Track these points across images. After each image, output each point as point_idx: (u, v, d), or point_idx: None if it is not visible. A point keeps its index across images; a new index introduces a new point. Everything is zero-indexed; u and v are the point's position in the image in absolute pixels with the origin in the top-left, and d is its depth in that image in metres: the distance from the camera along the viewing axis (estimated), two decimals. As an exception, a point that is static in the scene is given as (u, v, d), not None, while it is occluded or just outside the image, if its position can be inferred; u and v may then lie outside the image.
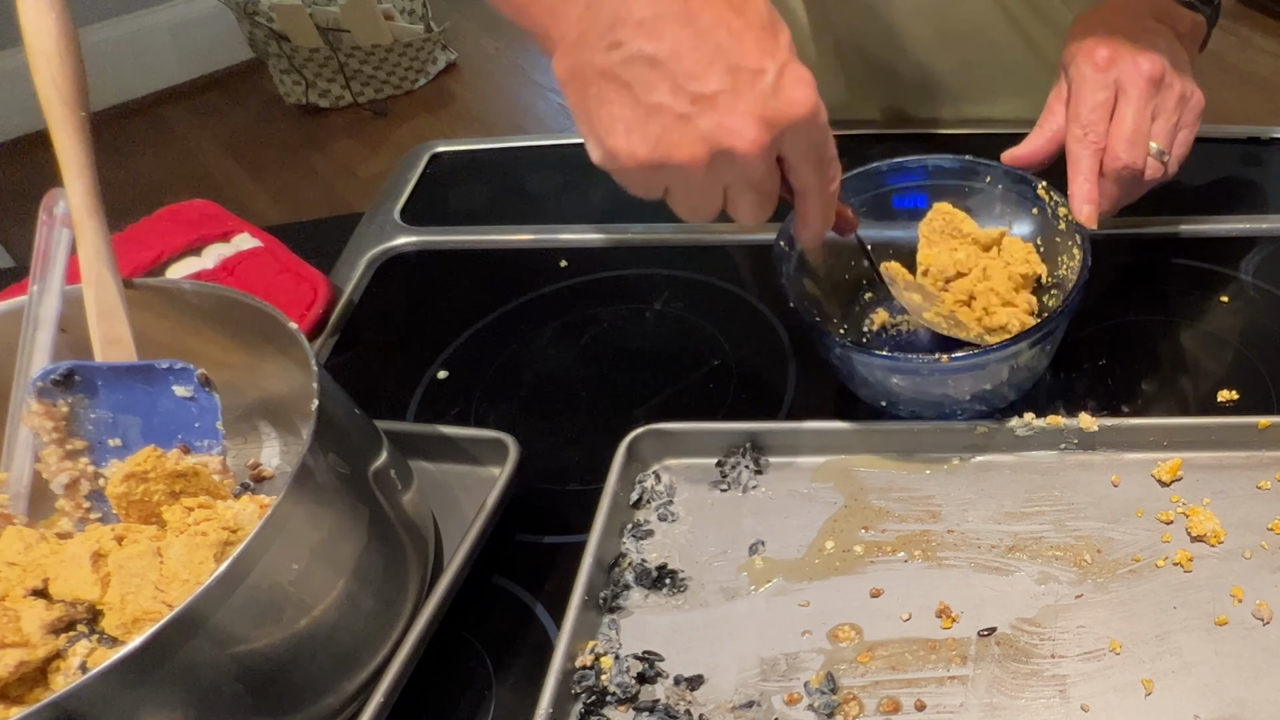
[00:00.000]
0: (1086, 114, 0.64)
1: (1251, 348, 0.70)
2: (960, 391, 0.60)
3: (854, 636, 0.54)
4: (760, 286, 0.77)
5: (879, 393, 0.62)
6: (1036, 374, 0.64)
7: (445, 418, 0.69)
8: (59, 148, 0.52)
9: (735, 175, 0.47)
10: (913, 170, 0.67)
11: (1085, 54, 0.65)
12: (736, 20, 0.45)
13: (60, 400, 0.52)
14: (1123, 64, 0.64)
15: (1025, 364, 0.61)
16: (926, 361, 0.58)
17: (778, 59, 0.45)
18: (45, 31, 0.51)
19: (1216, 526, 0.57)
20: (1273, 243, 0.77)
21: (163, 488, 0.49)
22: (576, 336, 0.75)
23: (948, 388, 0.60)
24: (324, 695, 0.48)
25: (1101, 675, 0.52)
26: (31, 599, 0.47)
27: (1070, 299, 0.59)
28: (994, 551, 0.57)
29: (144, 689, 0.40)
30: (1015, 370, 0.60)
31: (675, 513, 0.60)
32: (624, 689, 0.51)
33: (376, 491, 0.51)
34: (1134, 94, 0.64)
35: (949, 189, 0.67)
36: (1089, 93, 0.64)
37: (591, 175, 0.83)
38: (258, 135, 2.57)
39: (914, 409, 0.62)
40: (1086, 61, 0.65)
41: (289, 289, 0.76)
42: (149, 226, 0.81)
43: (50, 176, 0.52)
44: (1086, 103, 0.64)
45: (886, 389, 0.61)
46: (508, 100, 2.70)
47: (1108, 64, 0.64)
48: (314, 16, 2.48)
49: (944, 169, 0.67)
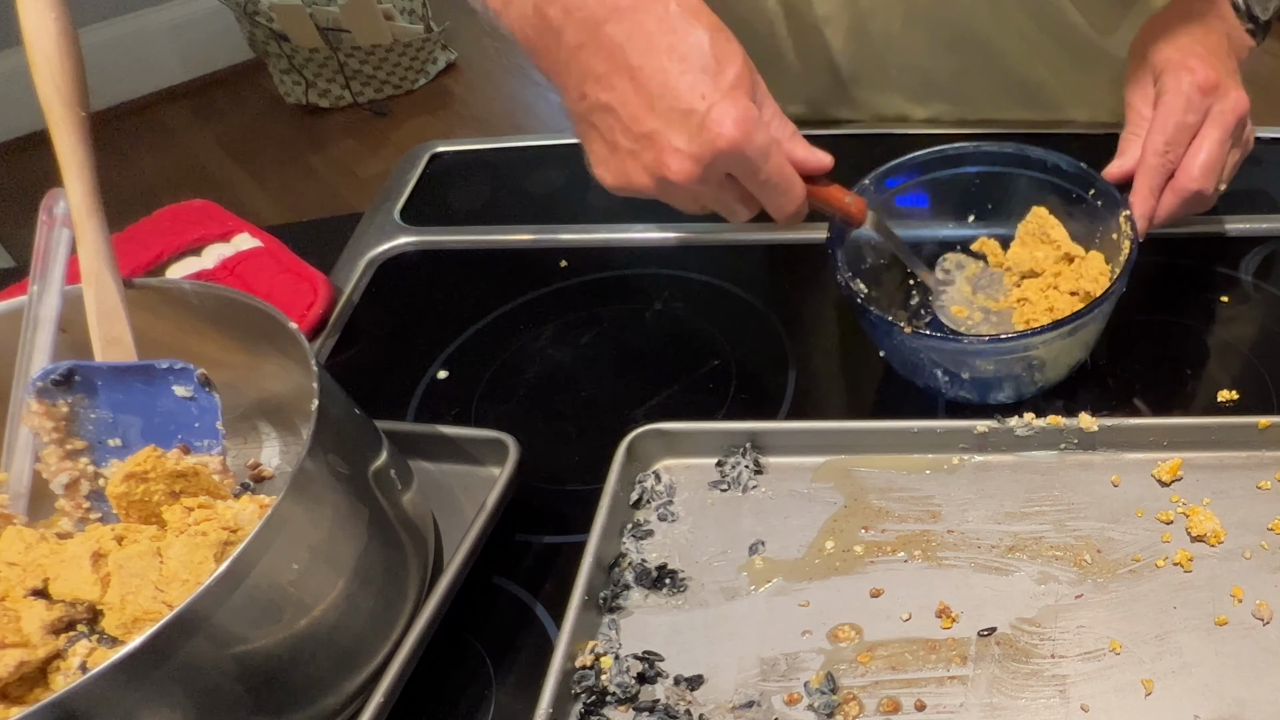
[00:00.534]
0: (1174, 133, 0.65)
1: (1251, 348, 0.70)
2: (996, 371, 0.62)
3: (854, 636, 0.54)
4: (760, 286, 0.77)
5: (926, 376, 0.64)
6: (1073, 362, 0.66)
7: (445, 418, 0.69)
8: (59, 148, 0.52)
9: (684, 194, 0.56)
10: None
11: (1188, 71, 0.65)
12: (675, 67, 0.53)
13: (60, 400, 0.52)
14: (1222, 93, 0.65)
15: (1059, 352, 0.62)
16: (968, 342, 0.61)
17: (709, 99, 0.52)
18: (45, 31, 0.51)
19: (1216, 526, 0.57)
20: (1273, 243, 0.77)
21: (163, 488, 0.49)
22: (576, 336, 0.75)
23: (986, 368, 0.61)
24: (324, 695, 0.48)
25: (1101, 675, 0.52)
26: (31, 599, 0.47)
27: (1117, 282, 0.60)
28: (994, 551, 0.57)
29: (144, 689, 0.40)
30: (1052, 354, 0.62)
31: (675, 513, 0.60)
32: (624, 689, 0.51)
33: (376, 491, 0.51)
34: (1222, 126, 0.65)
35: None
36: (1183, 113, 0.65)
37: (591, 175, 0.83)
38: (258, 135, 2.57)
39: (959, 390, 0.64)
40: (1188, 79, 0.65)
41: (289, 289, 0.76)
42: (149, 226, 0.81)
43: (50, 176, 0.52)
44: (1177, 122, 0.65)
45: (931, 371, 0.63)
46: (508, 100, 2.70)
47: (1209, 90, 0.65)
48: (314, 16, 2.48)
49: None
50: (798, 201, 0.58)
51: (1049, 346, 0.61)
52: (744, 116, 0.53)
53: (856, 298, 0.62)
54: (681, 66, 0.53)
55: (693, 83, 0.53)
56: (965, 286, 0.69)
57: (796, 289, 0.78)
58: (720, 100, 0.52)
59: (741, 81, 0.54)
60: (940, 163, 0.68)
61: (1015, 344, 0.59)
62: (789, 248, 0.81)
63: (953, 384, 0.63)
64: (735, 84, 0.54)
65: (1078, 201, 0.67)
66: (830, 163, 0.60)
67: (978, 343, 0.61)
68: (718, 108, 0.52)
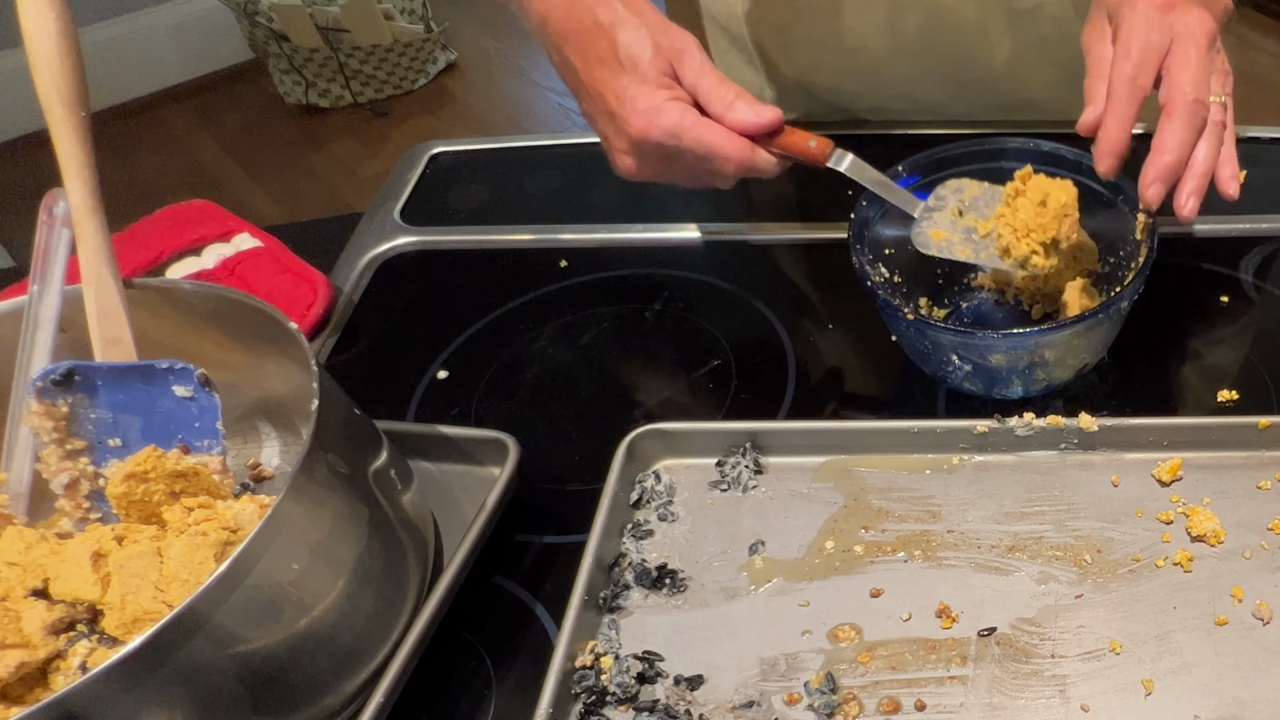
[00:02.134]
0: (1140, 55, 0.60)
1: (1251, 348, 0.70)
2: (1016, 366, 0.61)
3: (854, 636, 0.54)
4: (760, 286, 0.77)
5: (935, 364, 0.64)
6: (1090, 359, 0.65)
7: (445, 418, 0.69)
8: (59, 148, 0.52)
9: (657, 177, 0.66)
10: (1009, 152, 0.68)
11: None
12: (600, 74, 0.62)
13: (60, 400, 0.52)
14: (1182, 12, 0.61)
15: (1080, 345, 0.62)
16: (984, 335, 0.61)
17: (621, 97, 0.61)
18: (45, 32, 0.51)
19: (1216, 526, 0.57)
20: (1273, 243, 0.77)
21: (163, 488, 0.49)
22: (576, 336, 0.75)
23: (1001, 360, 0.61)
24: (324, 695, 0.48)
25: (1101, 675, 0.52)
26: (32, 599, 0.47)
27: (1134, 281, 0.59)
28: (994, 551, 0.57)
29: (144, 689, 0.40)
30: (1072, 348, 0.62)
31: (675, 513, 0.60)
32: (624, 689, 0.51)
33: (376, 491, 0.51)
34: (1194, 43, 0.60)
35: None
36: (1145, 32, 0.60)
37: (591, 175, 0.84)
38: (258, 135, 2.57)
39: (972, 382, 0.64)
40: (1143, 3, 0.61)
41: (289, 289, 0.76)
42: (149, 226, 0.81)
43: (50, 176, 0.52)
44: (1140, 42, 0.60)
45: (940, 360, 0.63)
46: (508, 100, 2.70)
47: (1168, 8, 0.61)
48: (314, 16, 2.48)
49: None
50: (735, 163, 0.62)
51: (1056, 346, 0.60)
52: (647, 107, 0.61)
53: (867, 280, 0.62)
54: (604, 73, 0.62)
55: (612, 85, 0.62)
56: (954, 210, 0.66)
57: (797, 289, 0.78)
58: (630, 96, 0.61)
59: (649, 71, 0.61)
60: (979, 156, 0.67)
61: (1021, 339, 0.59)
62: (789, 248, 0.81)
63: (961, 374, 0.63)
64: (644, 77, 0.61)
65: (1106, 205, 0.66)
66: (777, 117, 0.63)
67: (977, 335, 0.61)
68: (625, 104, 0.61)
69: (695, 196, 0.84)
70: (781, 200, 0.85)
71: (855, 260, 0.62)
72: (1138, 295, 0.61)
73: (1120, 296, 0.59)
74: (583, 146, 0.92)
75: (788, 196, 0.85)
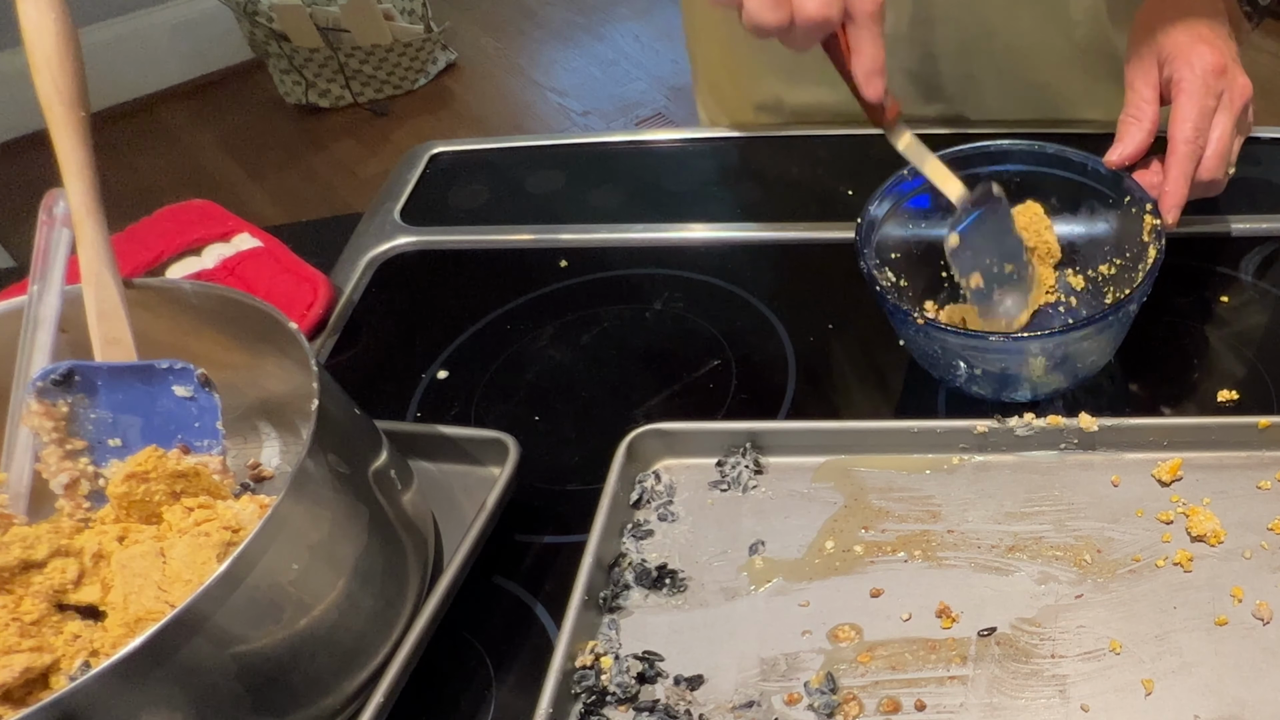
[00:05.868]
0: (1198, 119, 0.65)
1: (1251, 348, 0.70)
2: (1024, 370, 0.62)
3: (854, 636, 0.54)
4: (760, 286, 0.77)
5: (942, 368, 0.64)
6: (1099, 361, 0.65)
7: (445, 418, 0.69)
8: (59, 148, 0.52)
9: None
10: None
11: (1198, 55, 0.65)
12: None
13: (60, 400, 0.52)
14: (1230, 78, 0.65)
15: (1085, 349, 0.62)
16: (993, 338, 0.61)
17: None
18: (45, 32, 0.51)
19: (1216, 526, 0.57)
20: (1273, 243, 0.77)
21: (163, 488, 0.49)
22: (576, 336, 0.75)
23: (1010, 364, 0.61)
24: (324, 695, 0.48)
25: (1101, 675, 0.52)
26: (38, 603, 0.47)
27: (1144, 283, 0.60)
28: (994, 551, 0.57)
29: (144, 689, 0.40)
30: (1079, 353, 0.62)
31: (675, 513, 0.60)
32: (624, 689, 0.51)
33: (376, 491, 0.51)
34: (1230, 113, 0.66)
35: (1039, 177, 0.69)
36: (1202, 98, 0.65)
37: (591, 175, 0.83)
38: (257, 135, 2.57)
39: (980, 386, 0.64)
40: (1199, 64, 0.65)
41: (289, 289, 0.76)
42: (149, 226, 0.81)
43: (50, 176, 0.52)
44: (1198, 108, 0.65)
45: (947, 363, 0.63)
46: (508, 100, 2.70)
47: (1219, 73, 0.65)
48: (314, 16, 2.48)
49: None
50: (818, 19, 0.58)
51: (1066, 348, 0.60)
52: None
53: (875, 285, 0.62)
54: None
55: None
56: None
57: (798, 289, 0.78)
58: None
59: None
60: (981, 159, 0.68)
61: (1023, 344, 0.59)
62: (789, 248, 0.81)
63: (969, 378, 0.63)
64: None
65: (1112, 206, 0.66)
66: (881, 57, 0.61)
67: (989, 339, 0.61)
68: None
69: (695, 197, 0.85)
70: (782, 200, 0.85)
71: (863, 264, 0.62)
72: (1146, 297, 0.61)
73: (1130, 299, 0.59)
74: (583, 146, 0.92)
75: (788, 196, 0.85)
